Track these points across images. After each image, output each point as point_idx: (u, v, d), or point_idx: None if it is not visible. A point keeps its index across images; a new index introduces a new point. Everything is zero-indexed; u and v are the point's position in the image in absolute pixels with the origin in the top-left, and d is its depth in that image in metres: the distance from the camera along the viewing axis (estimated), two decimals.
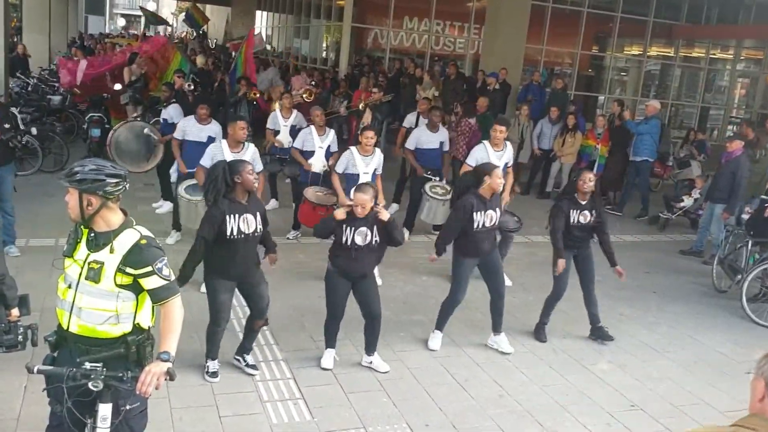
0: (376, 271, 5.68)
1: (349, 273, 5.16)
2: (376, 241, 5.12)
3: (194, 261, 4.87)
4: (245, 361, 5.17)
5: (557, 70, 18.99)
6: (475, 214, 5.60)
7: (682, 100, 20.90)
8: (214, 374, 5.02)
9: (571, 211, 6.08)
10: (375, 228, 5.09)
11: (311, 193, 7.77)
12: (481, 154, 7.24)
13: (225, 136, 7.38)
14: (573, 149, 11.80)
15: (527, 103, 12.91)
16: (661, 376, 5.83)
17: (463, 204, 5.63)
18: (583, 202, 6.09)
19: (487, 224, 5.68)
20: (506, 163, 7.39)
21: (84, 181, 2.94)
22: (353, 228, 5.05)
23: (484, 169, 5.73)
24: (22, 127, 9.88)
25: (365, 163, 7.11)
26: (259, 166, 6.81)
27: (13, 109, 7.58)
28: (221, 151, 6.60)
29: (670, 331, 6.84)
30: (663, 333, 6.77)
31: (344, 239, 5.05)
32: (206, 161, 6.68)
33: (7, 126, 7.25)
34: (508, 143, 7.48)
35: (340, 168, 7.19)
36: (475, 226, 5.62)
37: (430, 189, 8.19)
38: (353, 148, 7.21)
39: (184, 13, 31.14)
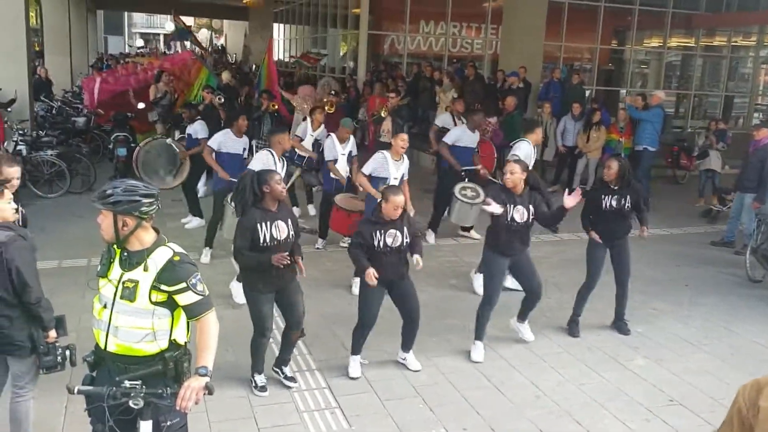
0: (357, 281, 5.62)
1: (384, 276, 5.10)
2: (406, 242, 5.15)
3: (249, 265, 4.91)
4: (283, 373, 5.17)
5: (577, 65, 18.87)
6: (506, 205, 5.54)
7: (705, 89, 20.65)
8: (263, 388, 5.01)
9: (603, 196, 6.05)
10: (405, 229, 5.13)
11: (343, 200, 7.80)
12: (527, 150, 7.25)
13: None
14: (598, 144, 11.73)
15: (549, 100, 12.85)
16: (698, 369, 5.75)
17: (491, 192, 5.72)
18: (615, 188, 6.04)
19: (517, 219, 5.57)
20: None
21: (119, 202, 2.97)
22: (383, 231, 5.08)
23: None
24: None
25: (396, 167, 7.14)
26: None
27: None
28: (271, 160, 6.66)
29: (705, 323, 6.75)
30: (698, 326, 6.67)
31: (375, 243, 5.06)
32: (257, 166, 6.74)
33: None
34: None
35: (367, 170, 7.20)
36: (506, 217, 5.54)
37: (460, 191, 8.14)
38: (386, 153, 7.21)
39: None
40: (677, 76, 20.95)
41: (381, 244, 5.07)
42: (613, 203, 6.02)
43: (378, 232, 5.07)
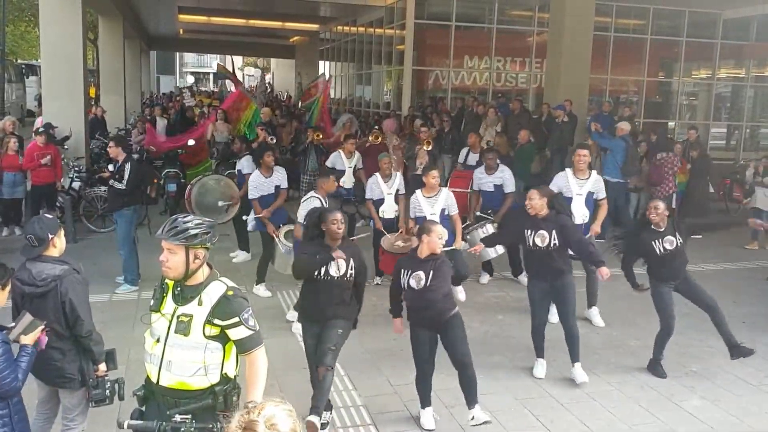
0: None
1: (424, 320, 4.93)
2: (430, 282, 4.89)
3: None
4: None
5: (623, 98, 18.69)
6: (526, 231, 5.81)
7: (757, 121, 20.21)
8: (324, 425, 4.82)
9: (653, 241, 5.95)
10: (432, 271, 4.89)
11: (388, 243, 7.60)
12: (561, 181, 7.20)
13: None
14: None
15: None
16: (758, 411, 5.51)
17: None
18: (662, 229, 5.96)
19: (539, 243, 5.71)
20: (591, 193, 7.21)
21: (196, 236, 3.02)
22: (410, 271, 4.94)
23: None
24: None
25: (430, 204, 7.08)
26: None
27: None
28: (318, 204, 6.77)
29: (765, 363, 6.49)
30: (757, 365, 6.41)
31: (402, 283, 4.98)
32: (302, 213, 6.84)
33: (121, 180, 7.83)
34: (594, 172, 7.38)
35: (411, 214, 7.25)
36: (528, 243, 5.79)
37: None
38: (418, 192, 7.21)
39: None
40: (727, 107, 20.57)
41: (405, 284, 4.95)
42: (666, 246, 5.94)
43: (405, 271, 4.97)
